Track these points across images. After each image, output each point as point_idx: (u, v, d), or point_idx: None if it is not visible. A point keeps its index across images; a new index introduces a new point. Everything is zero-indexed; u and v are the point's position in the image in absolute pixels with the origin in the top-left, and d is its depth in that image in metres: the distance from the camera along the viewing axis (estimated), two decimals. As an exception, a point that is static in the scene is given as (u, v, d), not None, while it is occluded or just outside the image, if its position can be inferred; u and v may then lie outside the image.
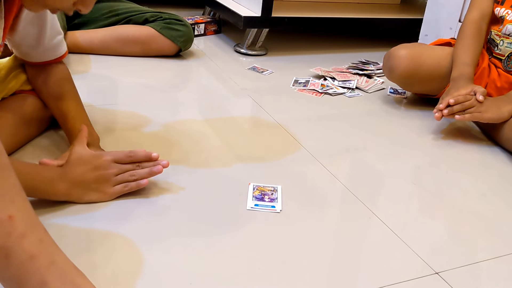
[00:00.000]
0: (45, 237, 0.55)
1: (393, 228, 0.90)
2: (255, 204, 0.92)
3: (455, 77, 1.33)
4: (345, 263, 0.80)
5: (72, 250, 0.74)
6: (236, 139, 1.19)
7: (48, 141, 1.06)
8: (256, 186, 0.97)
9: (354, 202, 0.98)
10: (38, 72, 1.04)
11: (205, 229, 0.84)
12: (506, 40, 1.37)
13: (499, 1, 1.40)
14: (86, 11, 0.78)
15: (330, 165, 1.10)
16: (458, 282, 0.78)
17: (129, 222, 0.83)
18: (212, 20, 2.10)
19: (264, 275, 0.75)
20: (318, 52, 2.03)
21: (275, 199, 0.94)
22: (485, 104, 1.25)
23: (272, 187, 0.98)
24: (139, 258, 0.75)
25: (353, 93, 1.59)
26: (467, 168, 1.18)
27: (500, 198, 1.06)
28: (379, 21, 2.08)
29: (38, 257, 0.53)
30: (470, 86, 1.27)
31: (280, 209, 0.91)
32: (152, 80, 1.52)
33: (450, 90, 1.29)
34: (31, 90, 1.05)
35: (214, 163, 1.06)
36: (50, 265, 0.53)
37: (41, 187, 0.81)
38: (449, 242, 0.89)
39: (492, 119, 1.26)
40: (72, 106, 1.01)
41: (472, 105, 1.24)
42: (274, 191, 0.96)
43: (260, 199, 0.93)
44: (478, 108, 1.24)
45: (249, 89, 1.52)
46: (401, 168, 1.15)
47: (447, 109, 1.24)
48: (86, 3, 0.77)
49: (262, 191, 0.96)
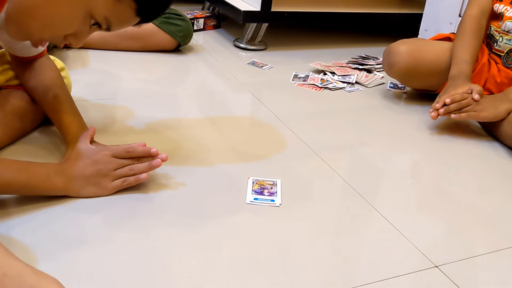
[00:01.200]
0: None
1: (393, 222, 0.90)
2: (254, 198, 0.92)
3: (453, 75, 1.32)
4: (345, 257, 0.80)
5: (68, 245, 0.75)
6: (235, 134, 1.19)
7: (44, 136, 1.06)
8: (255, 180, 0.97)
9: (354, 197, 0.98)
10: (25, 68, 1.03)
11: (204, 223, 0.84)
12: (506, 37, 1.37)
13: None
14: (77, 45, 0.76)
15: (330, 159, 1.10)
16: (458, 275, 0.78)
17: (130, 218, 0.83)
18: (211, 15, 2.09)
19: (264, 269, 0.75)
20: (318, 47, 2.03)
21: (275, 193, 0.94)
22: (481, 102, 1.24)
23: (272, 181, 0.98)
24: (138, 251, 0.75)
25: (352, 88, 1.58)
26: (467, 162, 1.18)
27: (499, 193, 1.06)
28: (379, 15, 2.07)
29: None
30: (467, 84, 1.26)
31: (280, 203, 0.91)
32: (151, 75, 1.51)
33: (447, 89, 1.29)
34: (18, 85, 1.05)
35: (213, 158, 1.06)
36: (4, 278, 0.52)
37: (37, 184, 0.81)
38: (449, 236, 0.89)
39: (489, 118, 1.25)
40: (62, 100, 0.99)
41: (468, 104, 1.23)
42: (274, 185, 0.96)
43: (259, 193, 0.93)
44: (475, 107, 1.24)
45: (248, 84, 1.52)
46: (400, 163, 1.15)
47: (443, 108, 1.24)
48: (78, 37, 0.75)
49: (262, 185, 0.96)
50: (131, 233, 0.79)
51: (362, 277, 0.76)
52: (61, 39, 0.75)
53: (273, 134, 1.21)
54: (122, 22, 0.73)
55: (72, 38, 0.75)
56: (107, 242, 0.77)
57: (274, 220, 0.87)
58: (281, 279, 0.73)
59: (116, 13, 0.70)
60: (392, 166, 1.12)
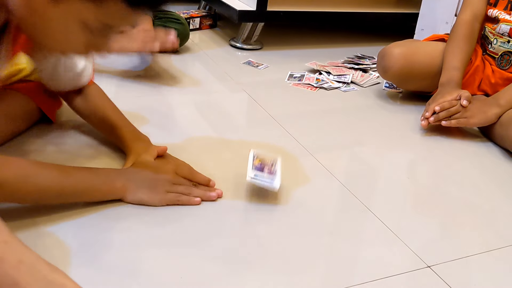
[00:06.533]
0: (9, 238, 0.54)
1: (386, 222, 0.90)
2: (255, 175, 0.90)
3: (443, 82, 1.32)
4: (338, 257, 0.80)
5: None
6: (230, 134, 1.19)
7: (40, 136, 1.06)
8: (256, 154, 0.95)
9: (348, 196, 0.98)
10: (74, 97, 1.06)
11: (193, 225, 0.84)
12: (500, 39, 1.37)
13: (492, 3, 1.39)
14: (102, 55, 0.77)
15: (324, 159, 1.10)
16: (450, 275, 0.79)
17: (121, 217, 0.83)
18: (207, 14, 2.09)
19: (257, 269, 0.75)
20: (314, 47, 2.03)
21: (275, 172, 0.92)
22: (471, 109, 1.24)
23: (273, 159, 0.96)
24: (129, 252, 0.75)
25: (348, 88, 1.58)
26: (461, 163, 1.18)
27: (493, 193, 1.06)
28: (375, 15, 2.08)
29: (4, 258, 0.52)
30: (456, 91, 1.26)
31: (278, 186, 0.89)
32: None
33: (436, 97, 1.28)
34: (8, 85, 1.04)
35: (207, 158, 1.06)
36: (19, 264, 0.53)
37: (100, 186, 0.83)
38: (442, 236, 0.89)
39: (479, 124, 1.26)
40: (114, 117, 1.02)
41: (457, 110, 1.24)
42: (275, 163, 0.95)
43: (260, 169, 0.92)
44: (464, 113, 1.24)
45: (244, 84, 1.52)
46: (395, 163, 1.15)
47: (433, 117, 1.24)
48: (97, 48, 0.75)
49: (263, 160, 0.94)
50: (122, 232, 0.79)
51: (356, 277, 0.76)
52: (82, 51, 0.76)
53: (268, 134, 1.21)
54: (121, 20, 0.72)
55: (92, 49, 0.75)
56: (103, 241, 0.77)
57: (268, 221, 0.87)
58: (274, 279, 0.73)
59: (107, 15, 0.69)
60: (387, 166, 1.13)
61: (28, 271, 0.53)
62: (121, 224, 0.81)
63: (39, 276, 0.53)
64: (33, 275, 0.52)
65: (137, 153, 0.94)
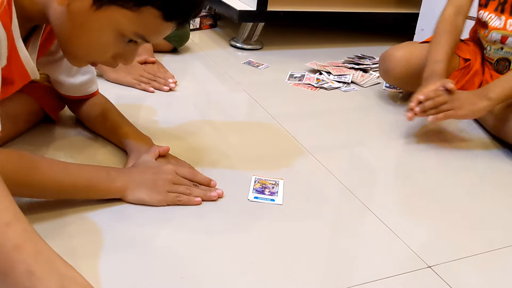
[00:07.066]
0: (28, 227, 0.55)
1: (387, 222, 0.90)
2: (254, 197, 0.92)
3: (425, 77, 1.27)
4: (338, 257, 0.80)
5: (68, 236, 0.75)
6: (230, 134, 1.19)
7: (39, 136, 1.06)
8: (257, 179, 0.98)
9: (349, 197, 0.98)
10: (79, 106, 1.08)
11: (193, 224, 0.84)
12: (493, 46, 1.36)
13: (482, 4, 1.38)
14: (128, 63, 0.79)
15: (325, 160, 1.10)
16: (450, 275, 0.78)
17: (124, 216, 0.83)
18: (207, 14, 2.09)
19: (257, 268, 0.75)
20: (314, 47, 2.03)
21: (276, 192, 0.94)
22: (458, 99, 1.18)
23: (274, 180, 0.98)
24: (129, 252, 0.75)
25: (348, 88, 1.58)
26: (460, 164, 1.18)
27: (491, 194, 1.06)
28: (375, 15, 2.08)
29: (23, 246, 0.53)
30: (439, 81, 1.21)
31: (281, 203, 0.91)
32: (147, 75, 1.51)
33: (419, 89, 1.23)
34: None
35: (207, 158, 1.06)
36: (36, 254, 0.53)
37: (99, 184, 0.82)
38: (442, 236, 0.89)
39: (467, 116, 1.20)
40: (115, 117, 1.04)
41: (444, 100, 1.17)
42: (276, 185, 0.96)
43: (260, 192, 0.93)
44: (451, 104, 1.17)
45: (244, 84, 1.52)
46: (395, 163, 1.15)
47: (418, 107, 1.18)
48: (125, 56, 0.77)
49: (264, 184, 0.96)
50: (124, 232, 0.79)
51: (357, 277, 0.76)
52: (110, 61, 0.77)
53: (268, 134, 1.21)
54: (155, 32, 0.73)
55: (120, 59, 0.78)
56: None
57: (270, 221, 0.87)
58: (274, 279, 0.73)
59: (143, 25, 0.71)
60: (387, 166, 1.12)
61: (44, 261, 0.53)
62: (120, 224, 0.81)
63: (54, 268, 0.54)
64: (48, 266, 0.53)
65: (138, 153, 0.94)
